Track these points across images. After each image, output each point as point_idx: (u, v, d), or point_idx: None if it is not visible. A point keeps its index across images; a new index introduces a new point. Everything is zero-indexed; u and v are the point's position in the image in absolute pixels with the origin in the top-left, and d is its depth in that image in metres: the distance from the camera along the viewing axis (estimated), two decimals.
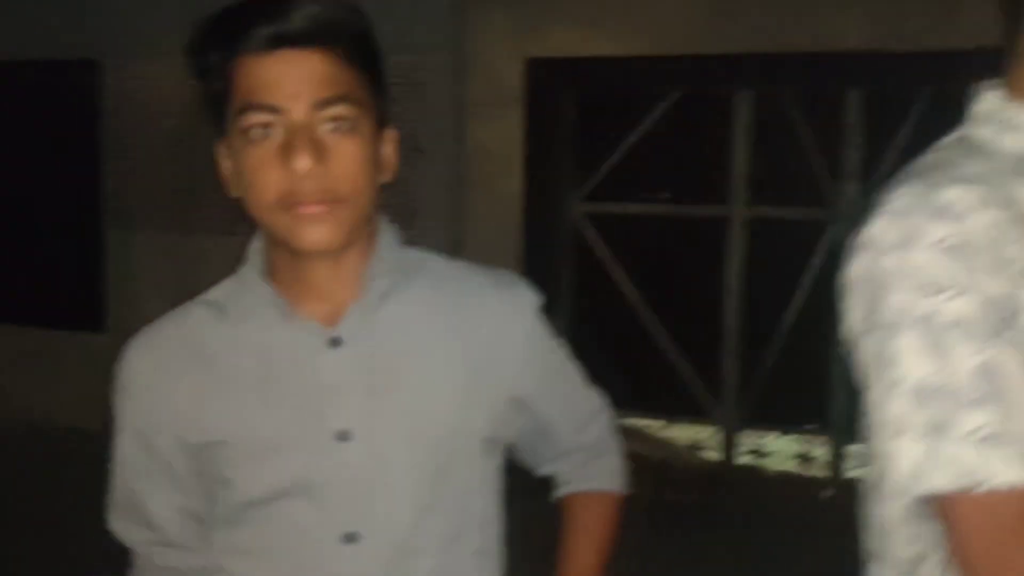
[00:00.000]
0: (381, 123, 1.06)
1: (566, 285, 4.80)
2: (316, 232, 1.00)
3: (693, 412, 4.69)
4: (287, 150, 0.98)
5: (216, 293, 1.14)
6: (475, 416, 1.12)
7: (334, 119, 1.00)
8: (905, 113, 4.20)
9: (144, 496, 1.13)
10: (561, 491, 1.30)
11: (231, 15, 1.00)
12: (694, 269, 4.67)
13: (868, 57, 3.84)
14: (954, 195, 0.87)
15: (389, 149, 1.08)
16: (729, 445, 4.57)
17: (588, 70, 4.53)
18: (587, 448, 1.29)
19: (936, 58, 3.77)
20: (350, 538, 1.06)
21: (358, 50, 1.03)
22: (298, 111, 0.98)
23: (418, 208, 4.39)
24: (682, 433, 5.00)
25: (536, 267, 4.65)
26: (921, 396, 0.86)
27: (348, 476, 1.06)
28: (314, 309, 1.08)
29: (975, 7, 3.87)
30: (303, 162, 0.97)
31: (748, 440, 4.70)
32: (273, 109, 0.98)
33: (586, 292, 4.82)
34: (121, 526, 1.16)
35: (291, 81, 0.98)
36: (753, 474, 4.58)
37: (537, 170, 4.62)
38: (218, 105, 1.03)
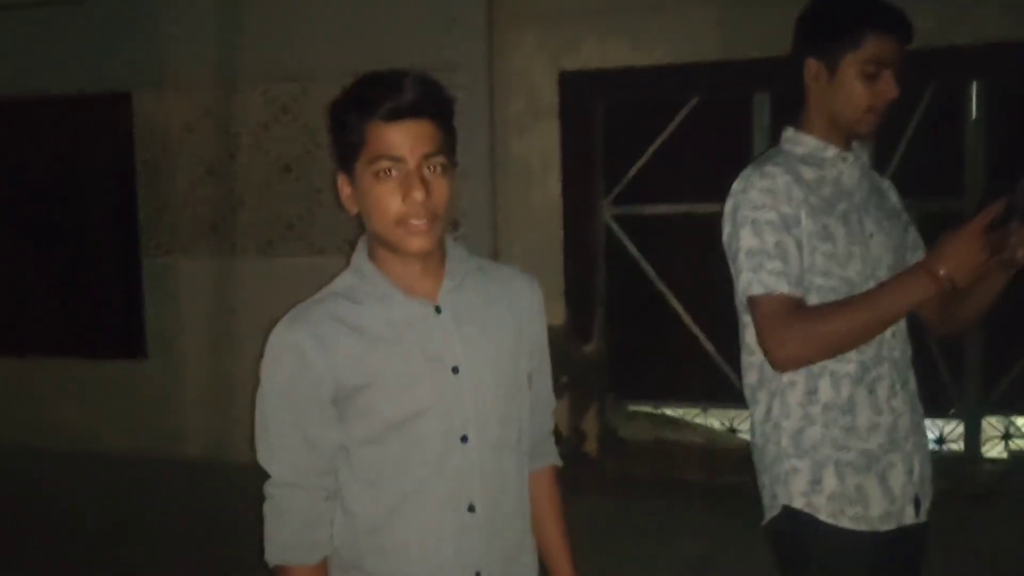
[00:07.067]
0: (454, 166, 1.49)
1: (602, 284, 5.10)
2: (421, 241, 1.45)
3: (728, 398, 4.91)
4: (406, 187, 1.42)
5: (340, 286, 1.54)
6: (522, 359, 1.59)
7: (433, 166, 1.43)
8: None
9: (317, 430, 1.48)
10: (534, 466, 1.69)
11: (363, 90, 1.45)
12: (719, 263, 4.87)
13: None
14: (769, 168, 1.82)
15: (455, 184, 1.50)
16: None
17: (616, 80, 4.83)
18: (547, 433, 1.73)
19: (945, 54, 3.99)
20: (464, 439, 1.49)
21: (446, 116, 1.47)
22: (413, 161, 1.42)
23: (459, 220, 4.73)
24: (720, 417, 5.22)
25: (575, 268, 4.94)
26: (749, 254, 1.79)
27: (460, 397, 1.49)
28: (417, 291, 1.51)
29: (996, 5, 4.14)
30: (419, 195, 1.41)
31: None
32: (397, 159, 1.42)
33: (620, 290, 5.09)
34: (282, 457, 1.51)
35: (408, 141, 1.43)
36: None
37: (572, 177, 4.94)
38: (351, 151, 1.46)
